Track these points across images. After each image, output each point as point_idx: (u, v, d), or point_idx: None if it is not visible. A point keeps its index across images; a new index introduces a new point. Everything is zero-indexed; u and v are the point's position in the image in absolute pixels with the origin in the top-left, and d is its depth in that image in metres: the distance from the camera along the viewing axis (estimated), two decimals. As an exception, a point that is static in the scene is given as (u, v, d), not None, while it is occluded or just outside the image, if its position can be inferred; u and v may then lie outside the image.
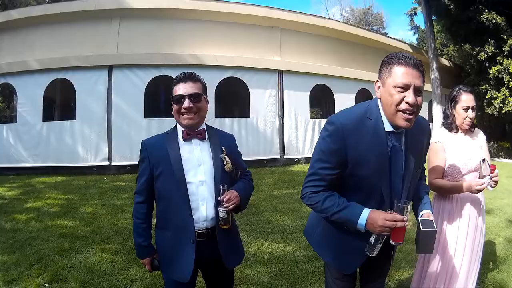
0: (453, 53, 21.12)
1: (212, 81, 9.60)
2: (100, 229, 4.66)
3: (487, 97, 15.05)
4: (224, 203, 1.82)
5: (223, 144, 1.95)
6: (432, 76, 15.80)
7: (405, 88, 1.55)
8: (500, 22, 13.94)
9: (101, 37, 9.67)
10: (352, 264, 1.86)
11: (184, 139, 1.87)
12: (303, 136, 10.91)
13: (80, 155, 9.13)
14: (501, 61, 14.40)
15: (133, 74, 9.32)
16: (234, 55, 10.50)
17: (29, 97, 9.22)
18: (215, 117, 9.92)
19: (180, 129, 1.90)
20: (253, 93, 10.47)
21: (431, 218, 1.76)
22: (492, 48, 14.55)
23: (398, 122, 1.60)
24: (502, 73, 14.36)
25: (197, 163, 1.86)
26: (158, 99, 10.17)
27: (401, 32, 69.98)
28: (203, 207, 1.84)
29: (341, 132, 1.64)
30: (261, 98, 10.54)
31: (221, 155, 1.90)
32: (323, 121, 9.26)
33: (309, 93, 11.08)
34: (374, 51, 14.67)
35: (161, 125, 8.96)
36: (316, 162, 1.74)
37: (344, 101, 11.49)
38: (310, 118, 11.15)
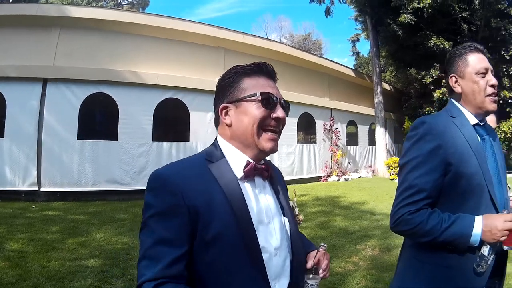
0: (390, 78, 24.99)
1: (151, 101, 10.56)
2: (28, 274, 4.49)
3: None
4: (322, 270, 1.49)
5: (280, 183, 1.53)
6: (376, 100, 18.41)
7: (486, 72, 1.85)
8: (447, 47, 16.79)
9: (38, 46, 9.87)
10: None
11: (247, 176, 1.33)
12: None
13: (7, 178, 9.16)
14: (446, 84, 17.39)
15: (69, 90, 9.62)
16: (176, 74, 11.31)
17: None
18: (153, 140, 10.60)
19: (239, 158, 1.34)
20: (193, 116, 11.35)
21: None
22: (438, 72, 17.58)
23: (488, 106, 1.84)
24: (447, 95, 17.26)
25: (266, 218, 1.34)
26: (93, 119, 10.56)
27: (337, 59, 79.16)
28: None
29: (435, 129, 1.75)
30: (202, 122, 11.42)
31: (292, 202, 1.72)
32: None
33: (251, 117, 12.43)
34: (318, 75, 16.87)
35: (95, 148, 9.59)
36: (410, 173, 1.74)
37: (286, 125, 13.11)
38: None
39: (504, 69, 18.43)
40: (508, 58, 17.96)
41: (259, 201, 1.37)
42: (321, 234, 7.16)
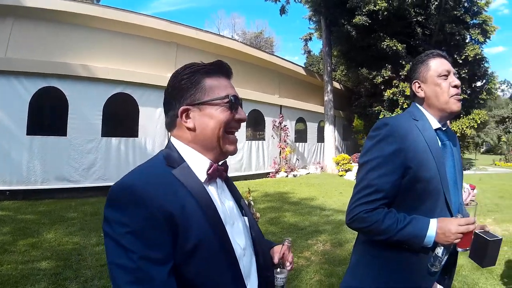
0: (340, 77, 26.51)
1: (101, 96, 10.83)
2: (-22, 279, 4.47)
3: (380, 117, 19.01)
4: (288, 263, 1.63)
5: (231, 181, 1.60)
6: (326, 98, 19.62)
7: (448, 74, 1.99)
8: (400, 49, 18.33)
9: (-10, 37, 9.72)
10: None
11: (210, 179, 1.38)
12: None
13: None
14: (396, 84, 18.89)
15: (20, 83, 9.70)
16: (127, 69, 11.56)
17: None
18: (102, 136, 10.84)
19: (200, 161, 1.37)
20: (143, 111, 11.68)
21: (487, 229, 1.94)
22: (389, 72, 19.00)
23: (452, 107, 1.95)
24: (397, 95, 18.84)
25: (231, 219, 1.40)
26: (42, 114, 10.58)
27: (288, 57, 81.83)
28: None
29: (397, 132, 1.84)
30: (151, 117, 11.79)
31: (248, 200, 1.85)
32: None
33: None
34: (268, 72, 17.64)
35: (44, 145, 9.85)
36: (369, 172, 1.84)
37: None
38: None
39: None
40: (461, 62, 19.75)
41: (223, 202, 1.41)
42: (272, 230, 7.47)
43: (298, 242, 6.65)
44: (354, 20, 18.59)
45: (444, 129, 2.05)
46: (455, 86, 1.99)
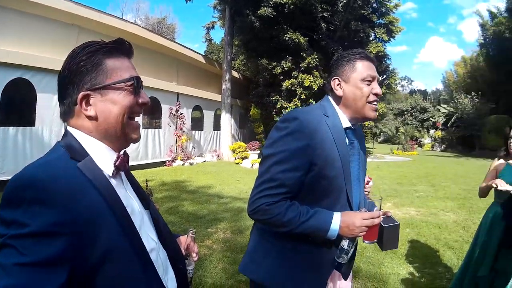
0: (239, 66, 28.14)
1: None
2: None
3: (277, 107, 21.28)
4: (195, 254, 1.73)
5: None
6: (224, 87, 20.89)
7: (372, 80, 2.08)
8: (302, 42, 20.01)
9: None
10: (321, 282, 2.09)
11: (117, 171, 1.37)
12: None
13: None
14: (296, 75, 20.63)
15: None
16: (26, 52, 11.16)
17: None
18: None
19: (104, 153, 1.34)
20: (40, 98, 11.38)
21: (389, 214, 2.24)
22: (289, 64, 20.66)
23: (368, 113, 2.09)
24: (296, 86, 20.66)
25: (139, 214, 1.40)
26: None
27: (189, 44, 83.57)
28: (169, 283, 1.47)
29: (306, 128, 1.92)
30: (49, 105, 11.50)
31: (149, 189, 1.61)
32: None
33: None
34: (167, 59, 18.41)
35: None
36: (274, 166, 1.91)
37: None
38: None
39: None
40: None
41: (130, 197, 1.39)
42: (171, 219, 7.75)
43: (198, 231, 6.95)
44: (259, 11, 19.81)
45: (353, 128, 2.18)
46: (376, 94, 2.10)
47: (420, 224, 8.31)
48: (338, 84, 2.14)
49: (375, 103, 2.12)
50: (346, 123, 2.14)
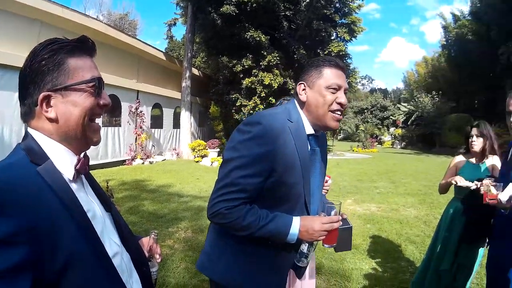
0: (200, 64, 28.71)
1: None
2: None
3: (237, 104, 21.85)
4: (158, 256, 1.78)
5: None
6: (184, 84, 21.32)
7: (338, 89, 2.09)
8: (264, 40, 20.63)
9: None
10: (281, 282, 2.20)
11: (78, 175, 1.38)
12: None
13: None
14: (256, 73, 21.22)
15: None
16: None
17: None
18: None
19: (64, 156, 1.34)
20: (1, 96, 11.12)
21: (344, 216, 2.28)
22: (250, 62, 21.18)
23: (329, 123, 2.12)
24: (255, 84, 21.22)
25: (101, 218, 1.41)
26: None
27: (150, 41, 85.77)
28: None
29: (269, 134, 1.96)
30: (9, 103, 11.12)
31: (110, 192, 1.67)
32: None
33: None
34: (128, 56, 18.99)
35: None
36: (235, 170, 1.96)
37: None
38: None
39: None
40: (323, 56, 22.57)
41: (91, 201, 1.40)
42: (132, 219, 7.78)
43: (159, 230, 6.96)
44: (221, 9, 20.26)
45: (316, 135, 2.21)
46: (340, 104, 2.10)
47: (381, 220, 8.66)
48: (303, 89, 2.17)
49: (339, 112, 2.14)
50: (309, 129, 2.18)
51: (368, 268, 5.73)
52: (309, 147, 2.16)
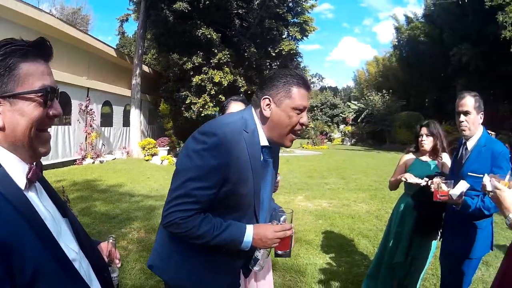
0: (150, 61, 29.04)
1: None
2: None
3: (186, 102, 22.35)
4: (118, 260, 1.81)
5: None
6: (134, 82, 21.52)
7: (303, 110, 2.14)
8: (215, 37, 21.21)
9: None
10: (233, 285, 2.35)
11: (30, 184, 1.35)
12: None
13: None
14: (206, 71, 21.77)
15: None
16: None
17: None
18: None
19: (15, 164, 1.32)
20: None
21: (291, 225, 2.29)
22: (200, 59, 21.67)
23: (285, 142, 2.21)
24: (205, 81, 21.76)
25: (58, 226, 1.40)
26: None
27: (101, 37, 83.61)
28: None
29: (223, 146, 1.99)
30: None
31: (65, 196, 1.53)
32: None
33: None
34: (79, 52, 18.94)
35: None
36: (189, 181, 2.00)
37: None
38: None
39: (268, 64, 24.76)
40: (274, 54, 23.84)
41: (47, 209, 1.38)
42: (84, 221, 7.67)
43: (112, 232, 7.03)
44: (174, 6, 20.65)
45: (270, 146, 2.26)
46: (302, 124, 2.17)
47: (333, 215, 8.92)
48: (267, 105, 2.15)
49: (298, 132, 2.21)
50: (264, 141, 2.20)
51: (323, 263, 5.92)
52: (262, 158, 2.23)
